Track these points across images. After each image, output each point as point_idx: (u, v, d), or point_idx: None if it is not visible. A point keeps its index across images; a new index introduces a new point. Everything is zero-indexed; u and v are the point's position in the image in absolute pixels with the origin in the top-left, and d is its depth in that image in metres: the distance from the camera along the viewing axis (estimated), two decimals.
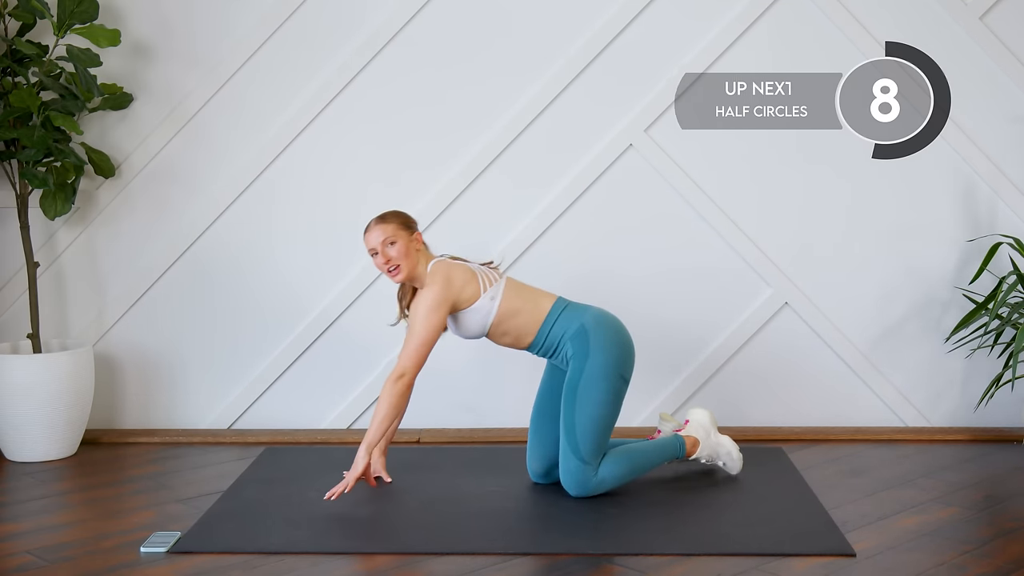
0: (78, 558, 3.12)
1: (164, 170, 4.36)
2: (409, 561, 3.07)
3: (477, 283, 3.53)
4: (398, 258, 3.51)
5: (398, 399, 3.43)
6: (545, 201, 4.34)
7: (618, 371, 3.51)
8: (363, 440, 3.43)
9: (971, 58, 4.27)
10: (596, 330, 3.52)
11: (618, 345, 3.53)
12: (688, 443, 3.69)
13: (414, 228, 3.58)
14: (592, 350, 3.50)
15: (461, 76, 4.31)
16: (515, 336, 3.58)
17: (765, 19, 4.27)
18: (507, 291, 3.56)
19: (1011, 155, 4.31)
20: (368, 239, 3.54)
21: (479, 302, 3.51)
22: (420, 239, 3.58)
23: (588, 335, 3.51)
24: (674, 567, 3.02)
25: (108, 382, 4.42)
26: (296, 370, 4.40)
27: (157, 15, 4.31)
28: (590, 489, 3.50)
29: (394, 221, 3.55)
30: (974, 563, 3.04)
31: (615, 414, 3.53)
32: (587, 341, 3.51)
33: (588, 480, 3.50)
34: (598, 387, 3.49)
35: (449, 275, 3.50)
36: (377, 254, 3.52)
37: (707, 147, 4.32)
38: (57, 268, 4.40)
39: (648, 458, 3.62)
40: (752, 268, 4.36)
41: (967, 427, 4.37)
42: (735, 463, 3.71)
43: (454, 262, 3.58)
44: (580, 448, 3.48)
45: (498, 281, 3.57)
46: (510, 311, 3.54)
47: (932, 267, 4.36)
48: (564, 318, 3.55)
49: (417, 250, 3.55)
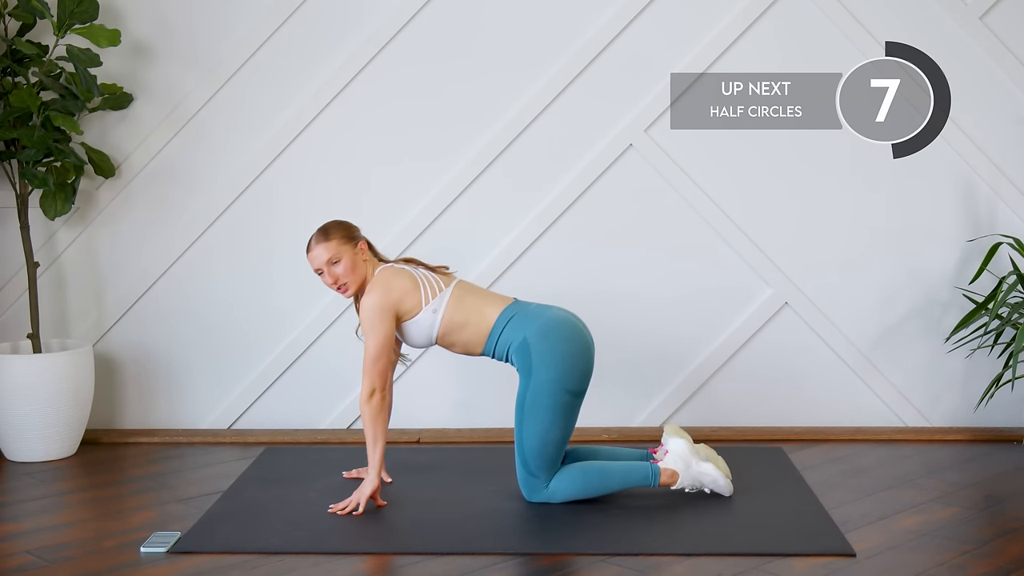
0: (78, 558, 3.12)
1: (164, 170, 4.36)
2: (409, 561, 3.07)
3: (419, 294, 3.44)
4: (345, 276, 3.45)
5: (378, 415, 3.39)
6: (545, 201, 4.34)
7: (563, 387, 3.39)
8: (370, 462, 3.40)
9: (971, 58, 4.27)
10: (539, 344, 3.39)
11: (564, 358, 3.39)
12: (665, 475, 3.51)
13: (358, 238, 3.50)
14: (535, 366, 3.39)
15: (461, 76, 4.31)
16: (463, 347, 3.52)
17: (765, 19, 4.27)
18: (452, 302, 3.46)
19: (1011, 155, 4.31)
20: (311, 259, 3.47)
21: (420, 315, 3.45)
22: (365, 247, 3.50)
23: (530, 350, 3.40)
24: (674, 567, 3.02)
25: (108, 382, 4.43)
26: (296, 370, 4.40)
27: (157, 15, 4.31)
28: (541, 499, 3.46)
29: (336, 236, 3.46)
30: (974, 563, 3.04)
31: (565, 428, 3.42)
32: (529, 357, 3.40)
33: (537, 490, 3.45)
34: (542, 404, 3.39)
35: (389, 283, 3.42)
36: (323, 273, 3.46)
37: (707, 147, 4.32)
38: (57, 268, 4.40)
39: (606, 481, 3.47)
40: (752, 268, 4.36)
41: (967, 427, 4.37)
42: (723, 488, 3.53)
43: (399, 268, 3.49)
44: (528, 463, 3.43)
45: (444, 290, 3.48)
46: (454, 324, 3.46)
47: (932, 267, 4.36)
48: (510, 328, 3.44)
49: (364, 260, 3.48)
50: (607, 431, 4.34)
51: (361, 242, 3.50)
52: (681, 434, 3.56)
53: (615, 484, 3.49)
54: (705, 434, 4.29)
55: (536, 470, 3.43)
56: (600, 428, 4.36)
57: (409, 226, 4.34)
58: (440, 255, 4.33)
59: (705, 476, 3.53)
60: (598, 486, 3.48)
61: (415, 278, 3.48)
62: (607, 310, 4.31)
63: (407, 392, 4.29)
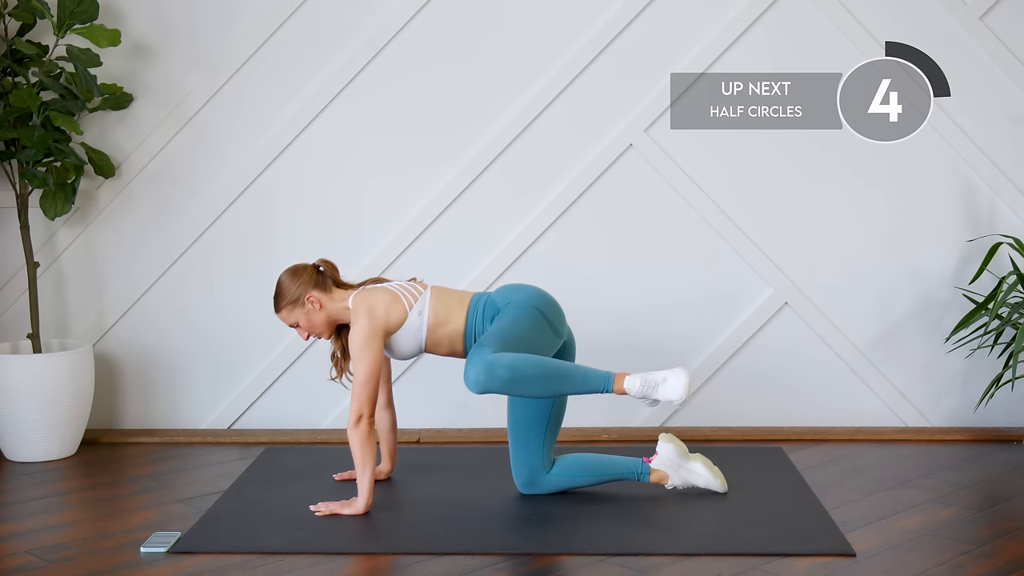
0: (78, 558, 3.12)
1: (164, 170, 4.36)
2: (409, 561, 3.07)
3: (401, 302, 3.46)
4: (311, 331, 3.51)
5: (366, 440, 3.37)
6: (545, 201, 4.34)
7: (534, 305, 3.44)
8: (360, 489, 3.38)
9: (971, 58, 4.27)
10: (505, 298, 3.48)
11: (530, 295, 3.47)
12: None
13: (302, 295, 3.48)
14: (504, 307, 3.45)
15: (461, 76, 4.31)
16: (449, 344, 3.51)
17: (765, 19, 4.27)
18: (433, 302, 3.48)
19: (1011, 155, 4.31)
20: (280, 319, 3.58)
21: (408, 320, 3.45)
22: (316, 298, 3.48)
23: (496, 303, 3.48)
24: (674, 567, 3.02)
25: (108, 382, 4.43)
26: (296, 370, 4.40)
27: (157, 15, 4.31)
28: (490, 376, 3.25)
29: (283, 306, 3.50)
30: (974, 563, 3.04)
31: (534, 339, 3.38)
32: (496, 306, 3.47)
33: (485, 367, 3.26)
34: (513, 316, 3.41)
35: (371, 306, 3.43)
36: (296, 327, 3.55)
37: (707, 147, 4.32)
38: (57, 268, 4.40)
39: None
40: (752, 268, 4.36)
41: (967, 427, 4.37)
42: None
43: (374, 288, 3.52)
44: (484, 343, 3.35)
45: (423, 292, 3.50)
46: (439, 320, 3.47)
47: (932, 267, 4.36)
48: (481, 308, 3.49)
49: (321, 308, 3.49)
50: (607, 431, 4.34)
51: (308, 297, 3.48)
52: (674, 440, 3.58)
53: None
54: (705, 434, 4.30)
55: (487, 341, 3.36)
56: (600, 428, 4.36)
57: (409, 226, 4.34)
58: (440, 255, 4.35)
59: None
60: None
61: (391, 290, 3.50)
62: (607, 310, 4.31)
63: (407, 392, 4.29)
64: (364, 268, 4.32)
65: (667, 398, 3.31)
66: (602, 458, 3.61)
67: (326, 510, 3.40)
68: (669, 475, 3.56)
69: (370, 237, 4.37)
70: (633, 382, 3.31)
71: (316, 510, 3.41)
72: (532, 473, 3.55)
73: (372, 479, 3.41)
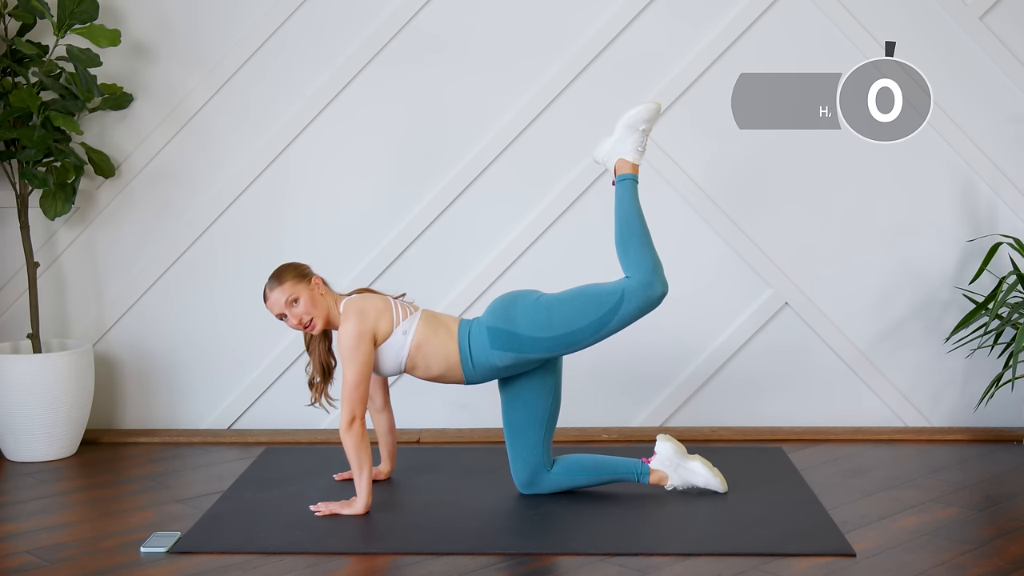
0: (78, 558, 3.12)
1: (164, 170, 4.37)
2: (409, 561, 3.07)
3: (391, 315, 3.44)
4: (307, 312, 3.42)
5: (360, 442, 3.35)
6: (545, 201, 4.34)
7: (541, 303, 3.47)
8: (359, 490, 3.38)
9: (971, 58, 4.27)
10: (493, 317, 3.44)
11: (521, 304, 3.46)
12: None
13: (310, 274, 3.48)
14: (511, 329, 3.41)
15: (460, 77, 4.31)
16: (425, 368, 3.47)
17: (765, 19, 4.28)
18: (421, 325, 3.46)
19: (1011, 155, 4.32)
20: (270, 306, 3.46)
21: (392, 337, 3.43)
22: (320, 282, 3.48)
23: (486, 327, 3.43)
24: (674, 567, 3.02)
25: (108, 382, 4.43)
26: (296, 370, 4.40)
27: (157, 15, 4.31)
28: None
29: (288, 277, 3.45)
30: (974, 563, 3.04)
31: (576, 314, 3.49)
32: (484, 331, 3.43)
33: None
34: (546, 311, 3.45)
35: (362, 309, 3.41)
36: (285, 316, 3.45)
37: (707, 147, 4.32)
38: (57, 268, 4.40)
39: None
40: (752, 268, 4.36)
41: (967, 427, 4.37)
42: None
43: (366, 294, 3.51)
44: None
45: (414, 314, 3.48)
46: (419, 344, 3.43)
47: (932, 267, 4.36)
48: (472, 333, 3.45)
49: (322, 295, 3.47)
50: (607, 431, 4.34)
51: (315, 277, 3.48)
52: (672, 441, 3.59)
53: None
54: (705, 434, 4.30)
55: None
56: (600, 428, 4.36)
57: (410, 226, 4.34)
58: (440, 255, 4.35)
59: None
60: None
61: (386, 299, 3.49)
62: None
63: (407, 392, 4.29)
64: (364, 268, 4.32)
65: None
66: (602, 458, 3.61)
67: (326, 510, 3.40)
68: (668, 475, 3.56)
69: (369, 237, 4.37)
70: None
71: (316, 510, 3.41)
72: (533, 472, 3.55)
73: (370, 479, 3.41)
